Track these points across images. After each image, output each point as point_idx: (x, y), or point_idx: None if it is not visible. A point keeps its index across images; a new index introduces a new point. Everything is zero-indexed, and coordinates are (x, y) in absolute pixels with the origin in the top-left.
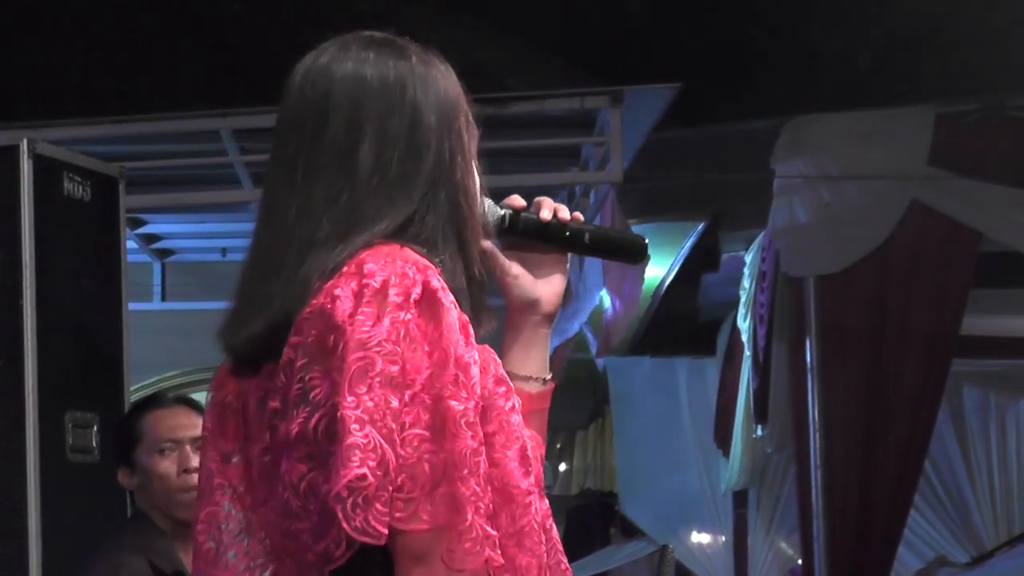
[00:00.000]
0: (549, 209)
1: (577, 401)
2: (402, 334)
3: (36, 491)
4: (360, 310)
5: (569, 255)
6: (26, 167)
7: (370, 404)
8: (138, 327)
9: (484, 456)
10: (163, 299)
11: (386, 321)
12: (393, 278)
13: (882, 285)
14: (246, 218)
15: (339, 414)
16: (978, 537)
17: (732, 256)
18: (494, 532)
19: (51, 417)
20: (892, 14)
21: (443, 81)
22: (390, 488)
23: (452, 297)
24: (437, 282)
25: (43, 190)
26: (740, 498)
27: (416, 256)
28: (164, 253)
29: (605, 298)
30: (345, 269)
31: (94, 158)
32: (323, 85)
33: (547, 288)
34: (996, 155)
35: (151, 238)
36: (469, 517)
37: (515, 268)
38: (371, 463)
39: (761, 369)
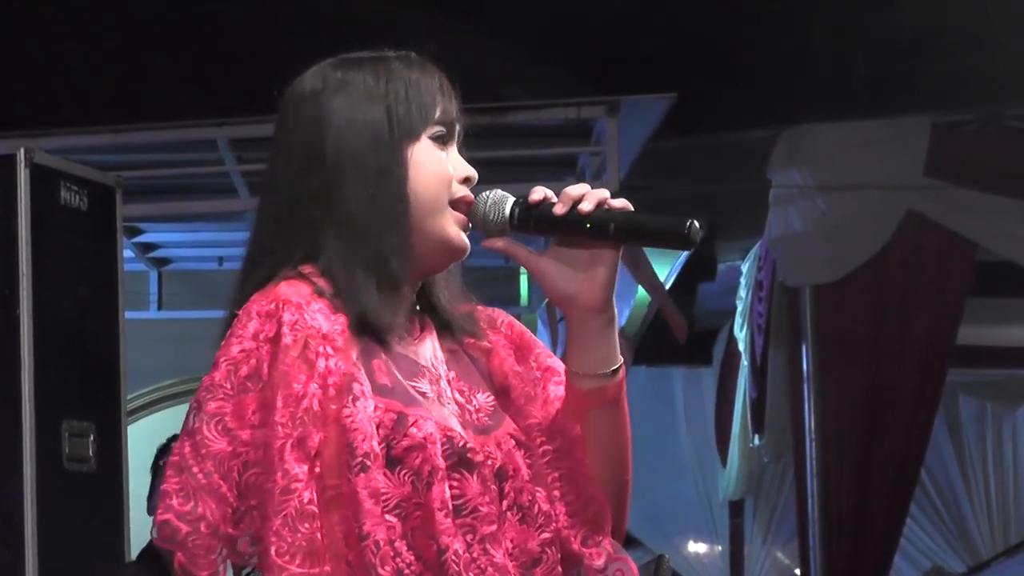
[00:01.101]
0: (564, 203)
1: None
2: (243, 373)
3: (32, 500)
4: (218, 353)
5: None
6: (23, 176)
7: (188, 450)
8: (135, 336)
9: (298, 492)
10: (160, 308)
11: (222, 362)
12: (245, 319)
13: (878, 295)
14: (243, 227)
15: (165, 459)
16: (974, 547)
17: (729, 266)
18: (300, 570)
19: (47, 426)
20: (888, 24)
21: (361, 91)
22: (204, 530)
23: (315, 328)
24: (290, 316)
25: (40, 199)
26: (736, 507)
27: (287, 291)
28: (161, 262)
29: None
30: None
31: (91, 167)
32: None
33: (588, 282)
34: (992, 165)
35: (148, 247)
36: (271, 555)
37: (542, 264)
38: (178, 508)
39: (758, 378)
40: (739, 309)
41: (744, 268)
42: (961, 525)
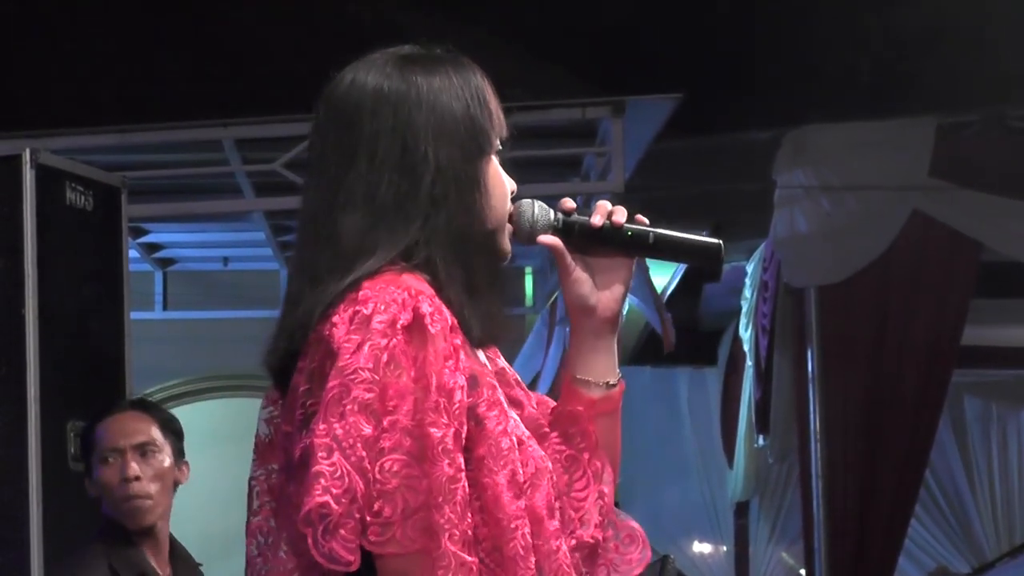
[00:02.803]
0: (602, 214)
1: None
2: (384, 360)
3: (38, 499)
4: (347, 337)
5: (635, 260)
6: (29, 177)
7: (339, 432)
8: (140, 336)
9: (463, 483)
10: (165, 308)
11: (366, 348)
12: (381, 306)
13: (883, 295)
14: (248, 227)
15: (311, 441)
16: (979, 547)
17: (733, 266)
18: (471, 559)
19: (53, 426)
20: (893, 25)
21: (449, 98)
22: (357, 515)
23: (448, 321)
24: (428, 307)
25: (45, 200)
26: (741, 508)
27: (412, 282)
28: (166, 262)
29: None
30: (348, 295)
31: (96, 167)
32: (331, 103)
33: (606, 294)
34: (997, 166)
35: (153, 247)
36: (443, 544)
37: (576, 272)
38: (335, 491)
39: (763, 379)
40: (744, 310)
41: (749, 269)
42: (966, 525)
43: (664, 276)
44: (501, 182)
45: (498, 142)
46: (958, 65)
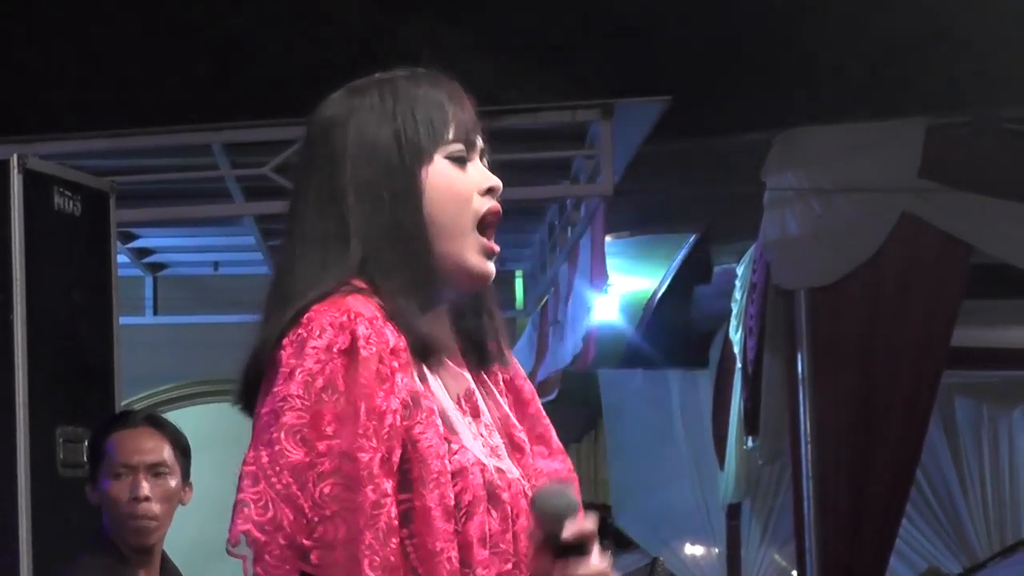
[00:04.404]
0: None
1: (570, 414)
2: (319, 385)
3: (27, 506)
4: (285, 362)
5: None
6: (16, 182)
7: (265, 460)
8: (130, 341)
9: (388, 508)
10: (155, 313)
11: (297, 374)
12: (317, 331)
13: (873, 297)
14: (238, 232)
15: (241, 469)
16: (970, 547)
17: (724, 268)
18: None
19: (42, 432)
20: (884, 27)
21: (371, 116)
22: (283, 542)
23: (388, 343)
24: (365, 329)
25: (33, 205)
26: (733, 510)
27: (355, 304)
28: (156, 267)
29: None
30: (298, 320)
31: (85, 172)
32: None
33: None
34: (987, 167)
35: (143, 252)
36: (364, 569)
37: None
38: (256, 518)
39: (751, 381)
40: (734, 312)
41: (739, 271)
42: (957, 526)
43: (654, 280)
44: (452, 185)
45: (457, 145)
46: (948, 67)
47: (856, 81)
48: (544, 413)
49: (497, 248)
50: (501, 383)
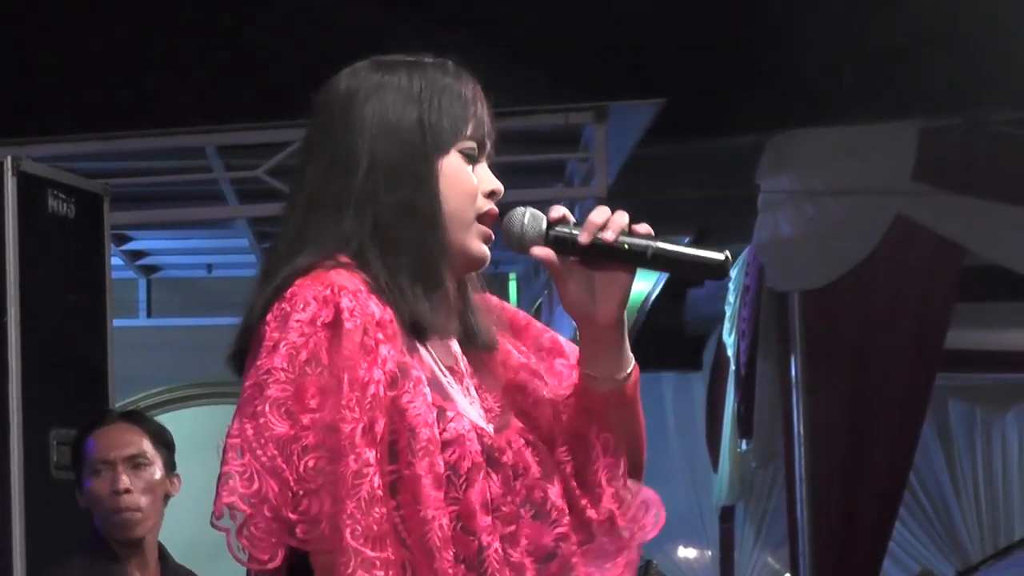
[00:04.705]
0: (589, 231)
1: None
2: (302, 358)
3: (20, 508)
4: (269, 336)
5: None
6: (10, 185)
7: (250, 432)
8: (124, 343)
9: (370, 477)
10: (149, 315)
11: (282, 347)
12: (300, 304)
13: (866, 299)
14: (231, 234)
15: (224, 442)
16: (964, 550)
17: None
18: (375, 554)
19: (36, 434)
20: (876, 30)
21: (397, 94)
22: (268, 514)
23: (373, 315)
24: (348, 302)
25: (28, 207)
26: (726, 512)
27: (339, 278)
28: (150, 269)
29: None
30: (282, 293)
31: (79, 175)
32: (313, 103)
33: (605, 302)
34: (980, 170)
35: (136, 254)
36: (346, 538)
37: (572, 283)
38: (242, 491)
39: (744, 384)
40: (728, 314)
41: (733, 274)
42: (950, 529)
43: (647, 282)
44: (462, 181)
45: (472, 143)
46: (940, 70)
47: (849, 84)
48: (543, 327)
49: (493, 235)
50: (500, 342)
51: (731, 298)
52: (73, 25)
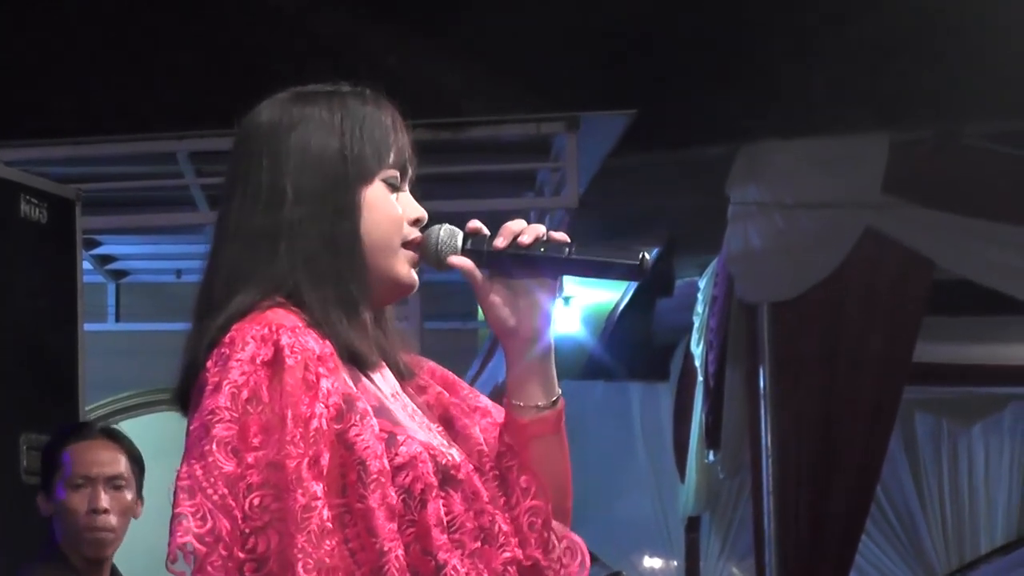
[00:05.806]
0: (506, 237)
1: None
2: (244, 397)
3: None
4: (210, 379)
5: (558, 280)
6: None
7: (199, 472)
8: (92, 348)
9: (319, 511)
10: (117, 320)
11: (224, 387)
12: (240, 344)
13: (835, 312)
14: (201, 240)
15: (175, 484)
16: (929, 563)
17: (686, 282)
18: None
19: (5, 439)
20: (847, 42)
21: (317, 126)
22: (224, 552)
23: (313, 351)
24: (288, 339)
25: (0, 212)
26: (693, 523)
27: (276, 316)
28: (118, 274)
29: None
30: (220, 338)
31: (50, 180)
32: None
33: (527, 315)
34: (950, 183)
35: (105, 259)
36: (298, 572)
37: (491, 294)
38: (196, 529)
39: (712, 395)
40: (696, 325)
41: (701, 284)
42: (916, 542)
43: (616, 292)
44: (386, 210)
45: (394, 172)
46: (912, 82)
47: (820, 95)
48: (476, 391)
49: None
50: (427, 382)
51: (700, 308)
52: (44, 30)
